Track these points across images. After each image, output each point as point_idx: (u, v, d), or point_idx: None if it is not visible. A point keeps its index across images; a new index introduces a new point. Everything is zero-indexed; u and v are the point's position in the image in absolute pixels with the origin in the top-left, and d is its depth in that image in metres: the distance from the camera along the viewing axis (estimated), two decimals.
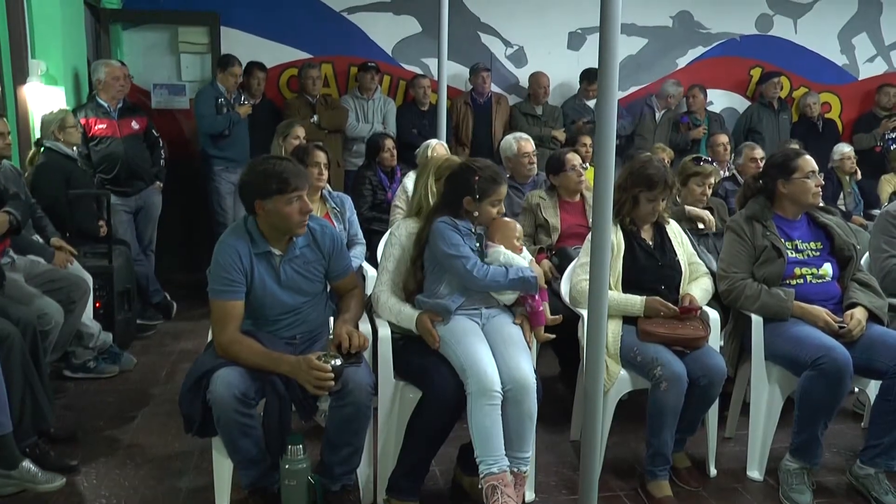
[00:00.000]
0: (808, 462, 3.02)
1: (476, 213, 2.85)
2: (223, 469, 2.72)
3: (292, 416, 2.71)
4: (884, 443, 3.01)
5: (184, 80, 6.68)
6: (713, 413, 3.18)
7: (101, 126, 5.05)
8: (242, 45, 6.55)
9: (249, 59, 6.31)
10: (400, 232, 2.98)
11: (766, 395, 3.18)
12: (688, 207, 3.94)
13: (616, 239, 3.14)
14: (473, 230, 2.88)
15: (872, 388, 3.24)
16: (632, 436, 3.43)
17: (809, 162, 3.27)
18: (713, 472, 3.24)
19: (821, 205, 3.44)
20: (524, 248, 2.99)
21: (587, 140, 5.85)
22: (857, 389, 3.81)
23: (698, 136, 6.90)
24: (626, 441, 3.42)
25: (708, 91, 7.25)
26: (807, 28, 7.73)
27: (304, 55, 6.81)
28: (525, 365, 2.69)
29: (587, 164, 4.39)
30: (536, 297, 2.83)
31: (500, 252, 2.83)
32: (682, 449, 3.19)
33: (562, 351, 3.98)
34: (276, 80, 6.78)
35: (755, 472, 3.22)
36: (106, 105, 5.08)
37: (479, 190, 2.81)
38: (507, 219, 2.95)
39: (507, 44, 7.20)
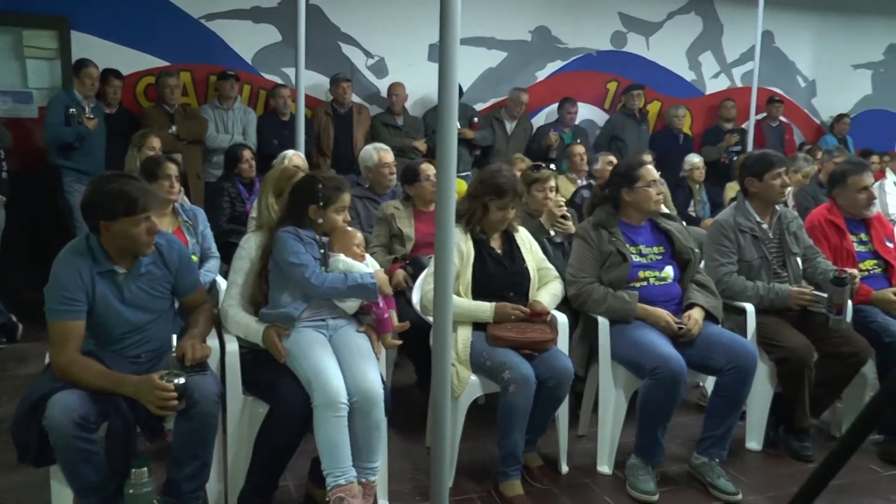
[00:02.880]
0: (650, 461, 3.18)
1: (321, 221, 2.87)
2: (62, 498, 2.58)
3: (137, 437, 2.61)
4: (716, 434, 3.23)
5: (30, 88, 6.29)
6: (563, 412, 3.29)
7: None
8: (95, 50, 6.21)
9: (104, 66, 6.00)
10: (249, 245, 2.95)
11: (613, 393, 3.33)
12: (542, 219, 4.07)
13: (465, 247, 3.22)
14: (317, 239, 2.88)
15: (710, 383, 3.44)
16: (488, 439, 3.46)
17: (651, 171, 3.45)
18: (565, 469, 3.34)
19: (664, 211, 3.65)
20: (368, 255, 3.02)
21: None
22: (700, 384, 4.06)
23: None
24: (483, 444, 3.47)
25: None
26: (658, 45, 8.20)
27: (161, 62, 6.55)
28: (372, 375, 2.70)
29: None
30: (381, 304, 2.85)
31: (340, 260, 2.84)
32: (533, 448, 3.28)
33: (417, 359, 4.00)
34: (133, 88, 6.49)
35: (605, 467, 3.35)
36: None
37: (323, 197, 2.84)
38: (347, 227, 2.96)
39: (367, 54, 7.22)
